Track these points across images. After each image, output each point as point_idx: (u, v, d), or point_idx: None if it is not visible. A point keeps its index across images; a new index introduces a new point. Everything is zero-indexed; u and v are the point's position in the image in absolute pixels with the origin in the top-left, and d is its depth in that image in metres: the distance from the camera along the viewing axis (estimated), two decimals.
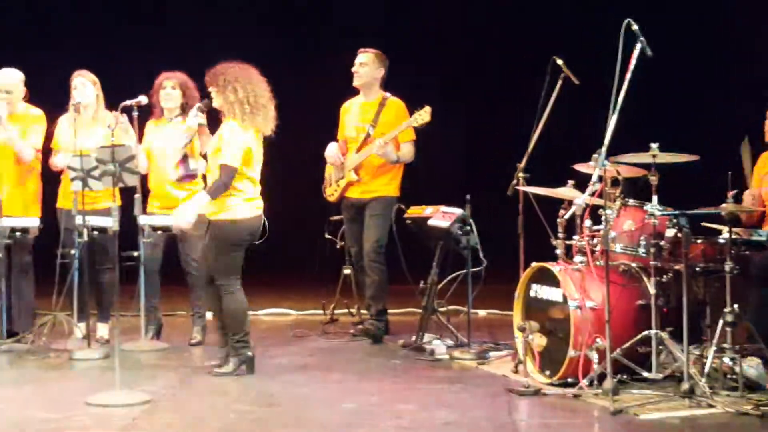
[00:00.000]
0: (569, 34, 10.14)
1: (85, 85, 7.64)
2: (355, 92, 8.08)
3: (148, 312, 7.76)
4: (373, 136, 7.81)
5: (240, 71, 6.58)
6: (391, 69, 7.98)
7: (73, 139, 7.45)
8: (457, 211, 7.43)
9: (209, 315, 8.45)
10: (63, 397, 6.17)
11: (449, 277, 7.62)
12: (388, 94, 7.92)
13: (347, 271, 8.52)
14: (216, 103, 6.64)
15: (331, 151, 8.01)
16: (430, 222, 7.52)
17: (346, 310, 8.73)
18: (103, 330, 7.78)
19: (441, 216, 7.48)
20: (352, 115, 8.02)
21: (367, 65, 7.89)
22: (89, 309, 7.68)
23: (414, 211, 7.73)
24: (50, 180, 7.84)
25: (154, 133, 7.78)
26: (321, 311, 8.77)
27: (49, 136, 7.75)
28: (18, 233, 7.41)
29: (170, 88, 7.73)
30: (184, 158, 7.61)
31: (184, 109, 7.70)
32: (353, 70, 7.90)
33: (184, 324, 8.19)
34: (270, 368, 6.97)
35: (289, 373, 6.86)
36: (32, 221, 7.49)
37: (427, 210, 7.63)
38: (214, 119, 6.90)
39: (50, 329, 7.68)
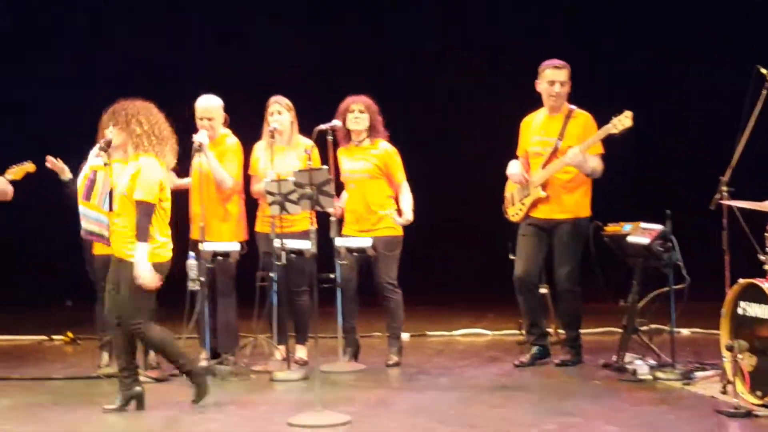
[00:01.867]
0: None
1: (281, 112, 7.77)
2: (527, 105, 7.85)
3: (346, 333, 7.82)
4: (561, 149, 7.59)
5: (140, 106, 6.55)
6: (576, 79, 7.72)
7: (269, 164, 7.59)
8: (658, 228, 7.20)
9: (406, 336, 8.51)
10: (265, 418, 6.28)
11: (651, 295, 7.38)
12: (573, 107, 7.69)
13: (543, 290, 8.36)
14: (118, 140, 6.56)
15: (515, 168, 7.73)
16: (629, 239, 7.31)
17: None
18: (302, 352, 7.88)
19: (641, 233, 7.26)
20: (535, 129, 7.74)
21: (566, 84, 7.58)
22: (288, 331, 7.79)
23: (612, 229, 7.51)
24: (249, 205, 8.00)
25: (345, 156, 7.86)
26: (517, 331, 8.64)
27: (247, 163, 7.92)
28: (220, 257, 7.59)
29: (358, 111, 7.79)
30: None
31: (371, 132, 7.77)
32: (556, 91, 7.54)
33: (381, 345, 8.22)
34: (468, 388, 6.92)
35: (487, 393, 6.79)
36: (233, 246, 7.65)
37: (626, 227, 7.41)
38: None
39: (251, 351, 7.85)
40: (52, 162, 7.77)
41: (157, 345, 6.67)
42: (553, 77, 7.57)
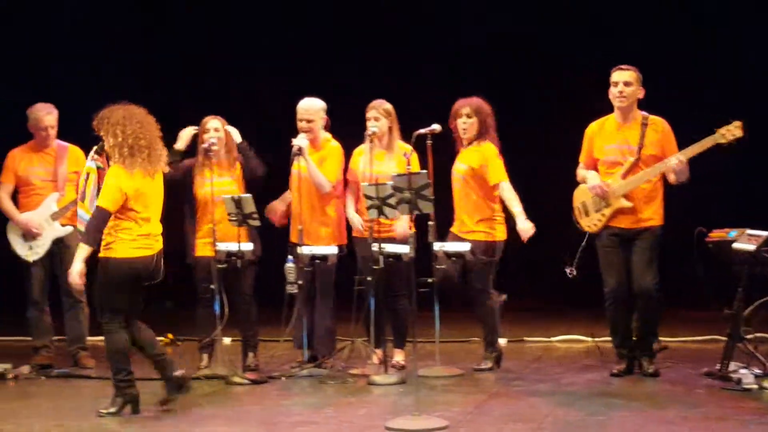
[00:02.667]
0: None
1: (378, 118, 7.77)
2: (589, 112, 7.70)
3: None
4: (642, 158, 7.38)
5: (124, 112, 6.56)
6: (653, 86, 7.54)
7: (368, 168, 7.60)
8: (764, 234, 7.03)
9: (503, 341, 8.44)
10: (362, 422, 6.29)
11: (757, 303, 7.21)
12: (645, 113, 7.46)
13: None
14: (106, 146, 6.63)
15: (596, 179, 7.48)
16: (734, 245, 7.14)
17: None
18: (399, 356, 7.86)
19: (746, 239, 7.10)
20: (609, 137, 7.50)
21: (632, 84, 7.38)
22: (386, 335, 7.78)
23: (717, 235, 7.34)
24: None
25: (458, 158, 7.85)
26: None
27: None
28: (318, 261, 7.62)
29: (465, 116, 7.76)
30: None
31: (479, 135, 7.72)
32: (618, 90, 7.35)
33: (478, 350, 8.16)
34: (566, 395, 6.85)
35: (585, 400, 6.70)
36: (331, 249, 7.68)
37: (731, 233, 7.25)
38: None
39: (349, 354, 7.86)
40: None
41: (108, 350, 6.62)
42: (617, 78, 7.41)
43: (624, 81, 7.37)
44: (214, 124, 7.80)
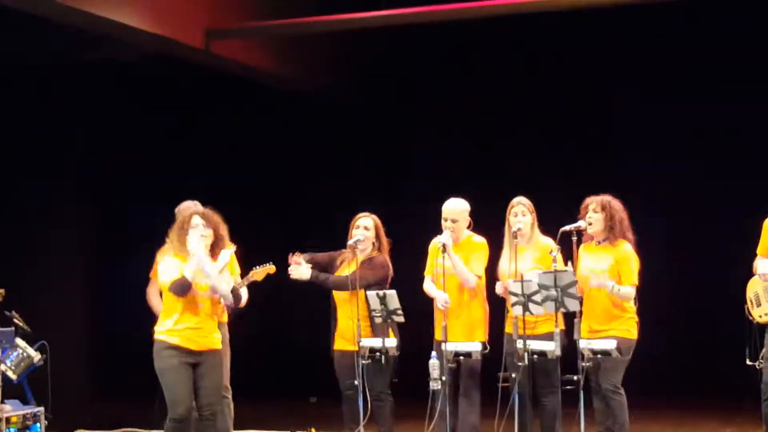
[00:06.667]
0: None
1: (524, 213, 7.84)
2: None
3: None
4: None
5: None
6: None
7: (511, 264, 7.65)
8: None
9: None
10: None
11: None
12: None
13: None
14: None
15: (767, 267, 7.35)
16: None
17: None
18: None
19: None
20: None
21: None
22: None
23: None
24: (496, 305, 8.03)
25: (587, 253, 7.83)
26: None
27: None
28: (461, 357, 7.65)
29: (592, 211, 7.76)
30: None
31: (610, 232, 7.72)
32: None
33: None
34: None
35: None
36: (475, 346, 7.70)
37: None
38: None
39: None
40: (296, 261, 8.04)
41: None
42: None
43: None
44: (365, 222, 7.98)
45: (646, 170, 10.96)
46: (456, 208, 7.95)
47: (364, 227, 7.96)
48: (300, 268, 7.90)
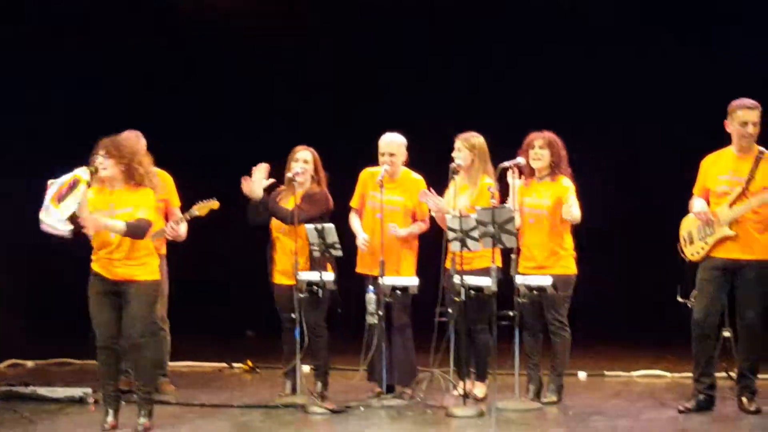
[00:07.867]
0: None
1: (460, 150, 7.82)
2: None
3: (530, 371, 7.78)
4: (751, 189, 7.36)
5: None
6: None
7: (452, 200, 7.65)
8: None
9: (583, 375, 8.41)
10: None
11: None
12: (762, 148, 7.45)
13: (726, 333, 8.11)
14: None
15: (702, 206, 7.47)
16: None
17: (724, 374, 8.32)
18: (479, 388, 7.86)
19: None
20: (723, 169, 7.50)
21: (758, 124, 7.34)
22: (466, 367, 7.79)
23: None
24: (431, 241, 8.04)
25: (525, 193, 7.85)
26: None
27: None
28: (398, 292, 7.67)
29: (538, 147, 7.77)
30: None
31: (553, 169, 7.74)
32: (748, 132, 7.32)
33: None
34: None
35: None
36: (411, 280, 7.73)
37: None
38: None
39: (428, 386, 7.87)
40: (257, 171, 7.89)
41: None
42: (745, 118, 7.38)
43: (753, 122, 7.36)
44: (304, 155, 7.92)
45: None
46: (393, 142, 7.92)
47: (304, 160, 7.89)
48: (253, 185, 7.78)
